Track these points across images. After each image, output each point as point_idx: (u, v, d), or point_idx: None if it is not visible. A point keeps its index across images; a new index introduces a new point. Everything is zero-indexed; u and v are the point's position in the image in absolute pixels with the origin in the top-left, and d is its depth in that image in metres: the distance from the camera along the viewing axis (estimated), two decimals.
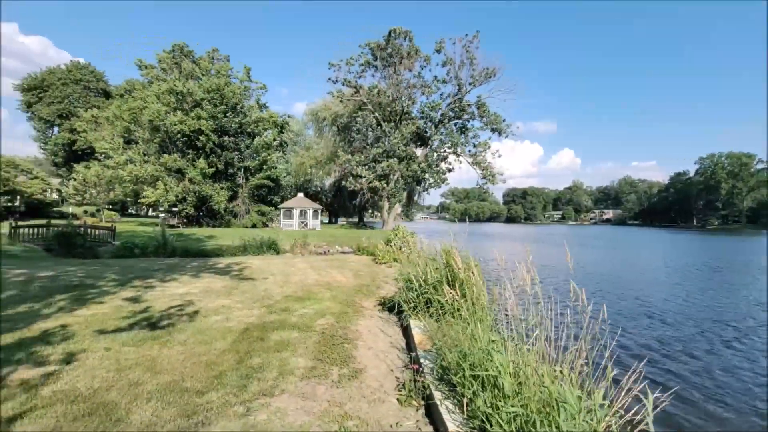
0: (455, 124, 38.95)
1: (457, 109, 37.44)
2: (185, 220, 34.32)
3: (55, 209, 37.85)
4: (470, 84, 36.54)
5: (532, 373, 2.86)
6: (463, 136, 38.51)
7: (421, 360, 3.99)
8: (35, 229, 16.87)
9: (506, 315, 3.69)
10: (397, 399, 3.54)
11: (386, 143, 36.78)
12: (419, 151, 39.17)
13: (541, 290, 3.43)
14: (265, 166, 37.70)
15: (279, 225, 34.53)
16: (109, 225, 21.75)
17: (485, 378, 2.99)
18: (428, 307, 5.41)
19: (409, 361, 4.38)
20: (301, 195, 38.74)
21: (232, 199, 35.82)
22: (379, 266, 12.22)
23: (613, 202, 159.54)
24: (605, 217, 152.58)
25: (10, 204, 29.73)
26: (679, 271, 19.69)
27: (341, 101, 38.64)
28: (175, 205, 33.13)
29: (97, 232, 17.72)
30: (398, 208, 40.58)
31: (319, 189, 52.99)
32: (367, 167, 35.87)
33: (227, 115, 34.52)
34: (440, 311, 5.03)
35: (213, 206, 33.52)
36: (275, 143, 40.14)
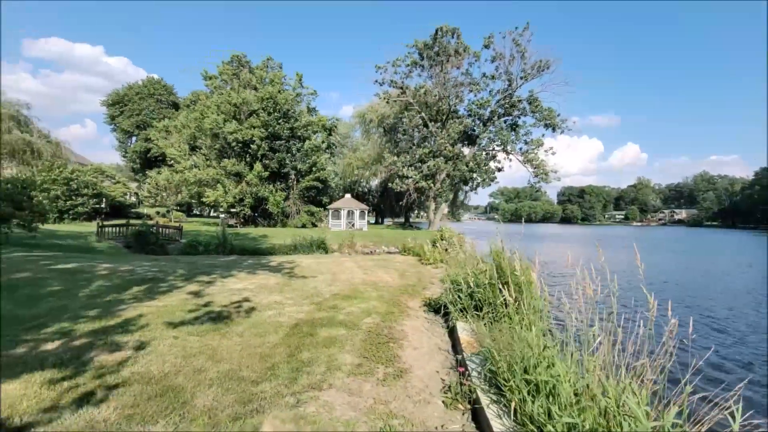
0: (505, 121, 37.56)
1: (507, 106, 36.06)
2: (242, 220, 36.64)
3: (132, 210, 42.30)
4: (521, 78, 35.03)
5: (594, 382, 2.67)
6: (513, 133, 37.02)
7: (468, 363, 3.90)
8: (117, 228, 18.98)
9: (564, 320, 3.49)
10: (443, 401, 3.49)
11: (432, 143, 36.44)
12: (467, 150, 38.31)
13: (605, 296, 3.19)
14: (314, 168, 39.14)
15: (327, 225, 35.63)
16: (177, 225, 23.86)
17: (540, 383, 2.85)
18: (476, 310, 5.27)
19: (455, 363, 4.29)
20: (348, 196, 39.64)
21: (284, 200, 37.64)
22: (425, 267, 12.13)
23: (686, 201, 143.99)
24: (677, 217, 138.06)
25: (97, 206, 33.79)
26: None
27: (387, 102, 38.94)
28: (233, 206, 35.52)
29: (167, 231, 19.52)
30: (445, 209, 40.02)
31: (366, 190, 53.88)
32: (413, 168, 35.80)
33: (279, 121, 36.34)
34: (489, 314, 4.88)
35: (268, 207, 35.48)
36: (324, 146, 41.55)
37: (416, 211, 56.68)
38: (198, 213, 62.52)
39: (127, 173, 59.68)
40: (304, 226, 36.16)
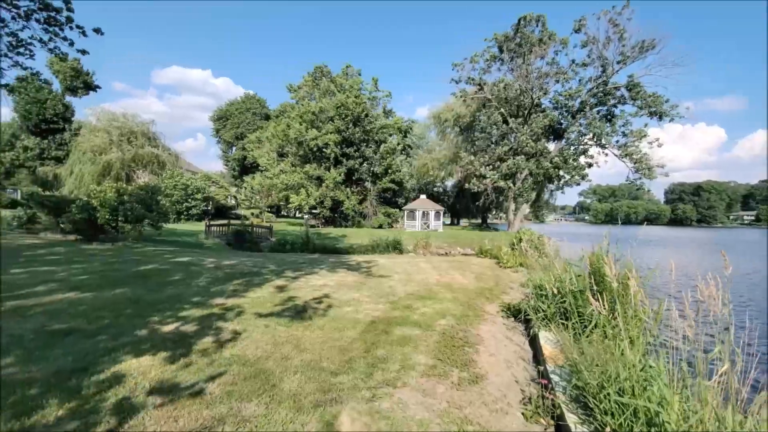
0: (598, 112, 33.82)
1: (601, 95, 32.43)
2: (323, 221, 39.06)
3: (232, 212, 47.91)
4: (618, 63, 31.19)
5: (709, 415, 2.27)
6: (608, 124, 33.09)
7: (552, 375, 3.61)
8: (220, 228, 21.68)
9: (672, 338, 3.03)
10: (522, 413, 3.28)
11: (513, 140, 34.48)
12: (552, 146, 35.42)
13: (731, 312, 2.67)
14: (390, 171, 39.99)
15: (403, 226, 36.04)
16: (268, 225, 26.39)
17: (639, 409, 2.52)
18: (562, 318, 4.85)
19: (536, 374, 4.01)
20: (423, 197, 39.62)
21: (361, 201, 39.14)
22: (504, 270, 11.55)
23: None
24: None
25: (206, 208, 39.12)
26: None
27: (464, 101, 37.92)
28: (314, 208, 38.09)
29: (259, 231, 21.71)
30: (526, 209, 37.53)
31: (441, 190, 53.27)
32: (491, 167, 34.30)
33: (352, 126, 37.93)
34: (579, 324, 4.45)
35: (344, 209, 37.33)
36: (399, 148, 42.24)
37: (494, 212, 54.20)
38: (285, 214, 68.24)
39: (228, 179, 67.82)
40: (380, 226, 37.13)
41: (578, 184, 35.16)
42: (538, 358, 4.43)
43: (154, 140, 38.39)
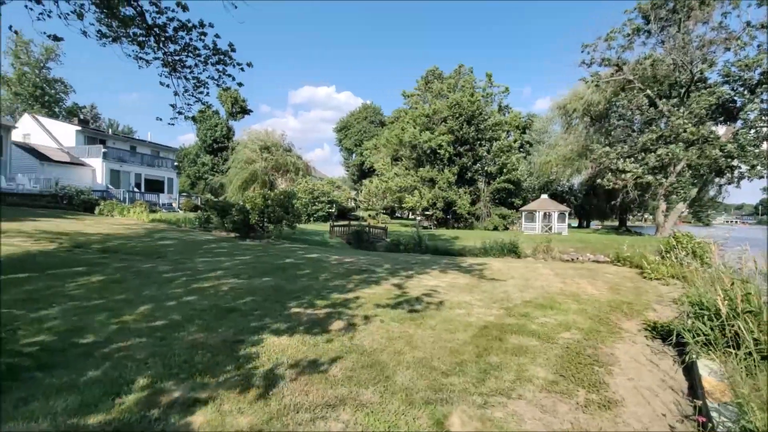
0: None
1: None
2: (436, 222, 39.26)
3: (352, 213, 52.16)
4: None
5: None
6: None
7: (712, 413, 2.91)
8: (342, 228, 23.87)
9: None
10: None
11: (663, 126, 28.68)
12: (721, 130, 28.22)
13: None
14: (505, 170, 37.82)
15: (520, 228, 33.61)
16: (383, 226, 27.90)
17: None
18: (733, 345, 3.86)
19: (692, 410, 3.28)
20: (544, 196, 36.24)
21: (474, 202, 38.00)
22: (649, 282, 9.72)
23: None
24: None
25: (330, 210, 43.61)
26: None
27: (597, 86, 33.17)
28: (427, 209, 38.58)
29: (375, 231, 23.12)
30: (681, 209, 30.76)
31: (567, 189, 47.76)
32: (632, 159, 29.17)
33: (465, 125, 36.99)
34: (755, 353, 3.48)
35: (456, 210, 36.79)
36: (516, 145, 39.59)
37: (636, 213, 45.89)
38: (399, 215, 70.89)
39: (349, 183, 74.13)
40: (495, 228, 35.41)
41: (761, 177, 27.18)
42: (695, 390, 3.62)
43: (289, 150, 44.63)
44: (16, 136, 29.87)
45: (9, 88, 48.85)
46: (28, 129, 35.42)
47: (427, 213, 39.53)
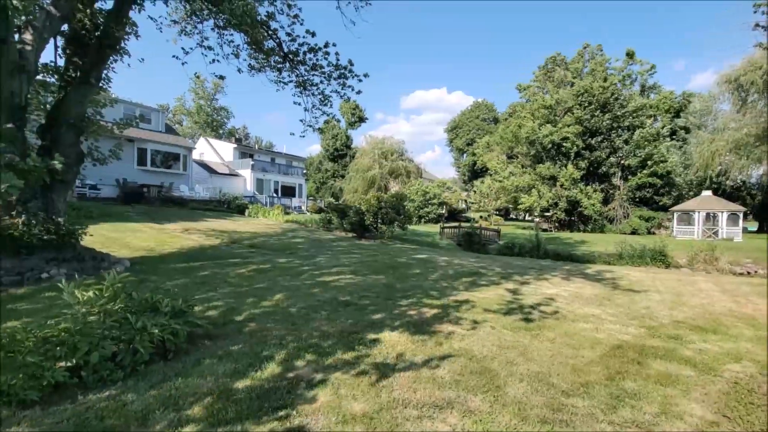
0: None
1: None
2: (557, 224, 35.46)
3: (463, 215, 51.06)
4: None
5: None
6: None
7: None
8: (452, 229, 23.58)
9: None
10: None
11: None
12: None
13: None
14: (649, 162, 31.78)
15: (670, 232, 27.81)
16: (496, 227, 26.53)
17: None
18: None
19: None
20: (707, 193, 29.22)
21: (606, 202, 33.00)
22: None
23: None
24: None
25: (440, 211, 43.57)
26: None
27: None
28: (547, 210, 35.11)
29: (487, 233, 22.15)
30: None
31: (740, 184, 37.45)
32: None
33: (597, 113, 32.28)
34: None
35: (583, 211, 32.46)
36: (665, 131, 32.89)
37: None
38: (513, 217, 66.41)
39: (459, 184, 72.80)
40: (634, 232, 30.12)
41: None
42: None
43: (402, 155, 46.16)
44: (195, 155, 38.39)
45: (191, 118, 63.23)
46: (202, 149, 45.12)
47: (546, 214, 36.02)
